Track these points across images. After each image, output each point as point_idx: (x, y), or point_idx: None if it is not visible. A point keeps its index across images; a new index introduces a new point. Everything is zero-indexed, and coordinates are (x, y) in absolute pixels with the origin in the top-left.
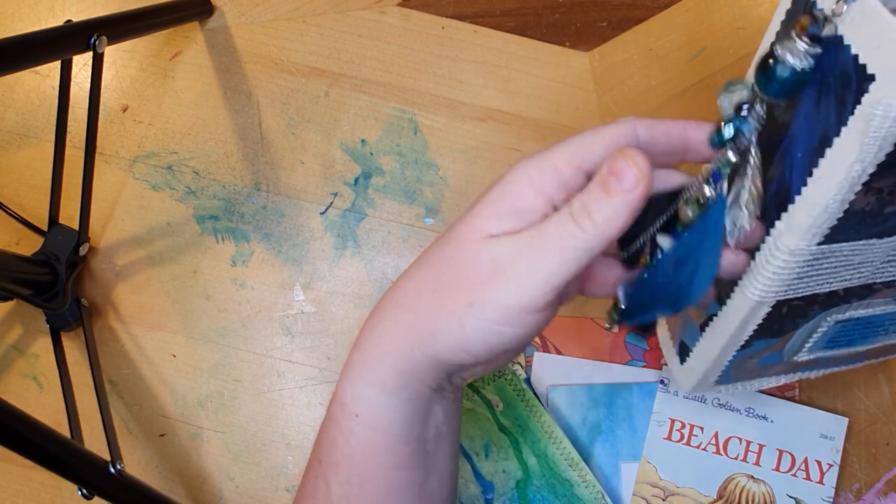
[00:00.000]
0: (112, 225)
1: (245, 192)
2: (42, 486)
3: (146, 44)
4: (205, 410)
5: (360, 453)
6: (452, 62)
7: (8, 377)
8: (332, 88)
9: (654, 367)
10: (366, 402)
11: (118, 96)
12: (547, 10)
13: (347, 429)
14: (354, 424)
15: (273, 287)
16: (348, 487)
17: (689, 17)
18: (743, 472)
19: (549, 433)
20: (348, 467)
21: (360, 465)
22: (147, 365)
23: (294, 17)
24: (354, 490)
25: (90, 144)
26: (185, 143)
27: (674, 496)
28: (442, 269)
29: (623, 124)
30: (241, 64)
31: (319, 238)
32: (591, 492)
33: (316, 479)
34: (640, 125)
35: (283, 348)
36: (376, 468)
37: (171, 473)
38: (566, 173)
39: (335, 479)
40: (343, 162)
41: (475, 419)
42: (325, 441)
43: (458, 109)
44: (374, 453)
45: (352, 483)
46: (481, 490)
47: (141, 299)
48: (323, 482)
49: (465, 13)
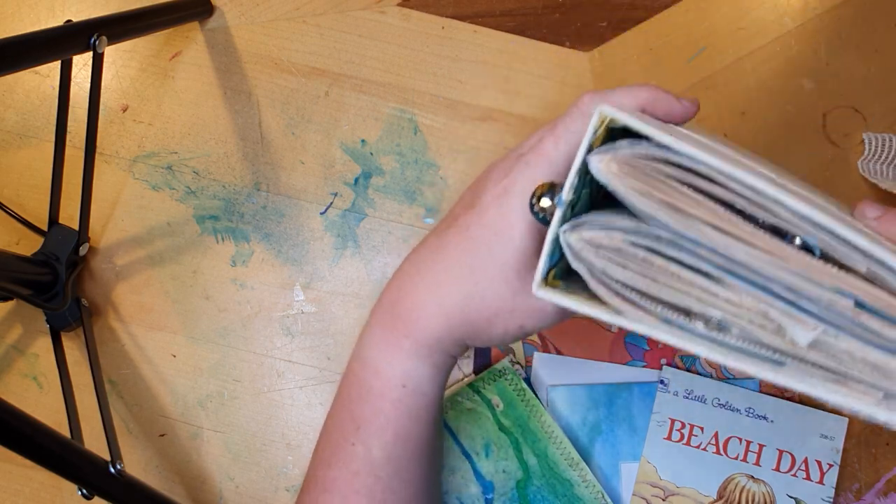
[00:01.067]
0: (112, 225)
1: (245, 192)
2: (42, 486)
3: (146, 44)
4: (205, 410)
5: (406, 417)
6: (452, 62)
7: (8, 377)
8: (332, 88)
9: (654, 367)
10: (412, 374)
11: (118, 96)
12: (547, 10)
13: (395, 398)
14: (403, 394)
15: (273, 287)
16: (392, 448)
17: (689, 17)
18: (743, 472)
19: (549, 433)
20: (394, 431)
21: (406, 427)
22: (147, 365)
23: (294, 17)
24: (398, 450)
25: (90, 144)
26: (185, 143)
27: (674, 496)
28: (479, 258)
29: (650, 90)
30: (241, 64)
31: (319, 238)
32: (591, 492)
33: (353, 446)
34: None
35: (283, 348)
36: (420, 427)
37: (171, 473)
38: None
39: (377, 442)
40: (343, 162)
41: (476, 419)
42: (365, 411)
43: (458, 109)
44: (418, 415)
45: (397, 444)
46: (481, 490)
47: (141, 299)
48: (362, 447)
49: (465, 13)
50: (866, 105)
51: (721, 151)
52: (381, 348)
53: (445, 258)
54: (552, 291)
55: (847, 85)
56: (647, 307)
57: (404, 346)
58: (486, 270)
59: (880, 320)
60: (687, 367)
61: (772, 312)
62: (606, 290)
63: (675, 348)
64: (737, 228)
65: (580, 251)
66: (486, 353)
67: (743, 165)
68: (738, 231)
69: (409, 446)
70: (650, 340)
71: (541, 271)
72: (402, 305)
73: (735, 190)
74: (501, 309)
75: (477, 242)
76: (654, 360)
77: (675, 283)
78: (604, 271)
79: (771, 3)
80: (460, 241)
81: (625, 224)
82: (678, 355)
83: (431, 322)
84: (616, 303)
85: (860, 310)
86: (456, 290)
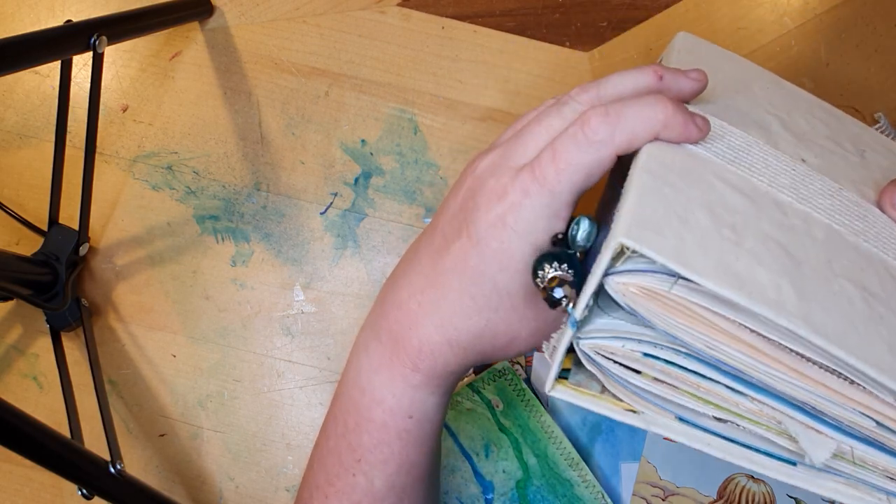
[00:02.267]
0: (112, 225)
1: (245, 192)
2: (42, 487)
3: (146, 44)
4: (205, 410)
5: (411, 447)
6: (452, 62)
7: (8, 377)
8: (332, 88)
9: None
10: (420, 405)
11: (118, 96)
12: (547, 10)
13: (401, 429)
14: (410, 424)
15: (273, 287)
16: (396, 478)
17: (689, 17)
18: (743, 472)
19: (549, 433)
20: (398, 462)
21: (410, 457)
22: (147, 365)
23: (294, 17)
24: (402, 479)
25: (90, 144)
26: (185, 143)
27: (674, 496)
28: (485, 290)
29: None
30: (241, 64)
31: (319, 238)
32: (591, 492)
33: (353, 477)
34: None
35: (283, 348)
36: (424, 455)
37: (171, 473)
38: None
39: (380, 474)
40: (343, 162)
41: (475, 419)
42: (365, 441)
43: (458, 109)
44: (423, 443)
45: (400, 474)
46: (481, 490)
47: (141, 299)
48: (364, 478)
49: (465, 13)
50: (866, 105)
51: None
52: (384, 378)
53: (448, 292)
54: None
55: (847, 85)
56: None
57: (413, 380)
58: (493, 304)
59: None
60: None
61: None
62: (624, 392)
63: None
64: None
65: (594, 357)
66: None
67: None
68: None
69: (413, 473)
70: None
71: (553, 375)
72: (407, 340)
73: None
74: (514, 338)
75: (480, 276)
76: None
77: (694, 391)
78: (619, 376)
79: (771, 3)
80: (462, 272)
81: (637, 331)
82: None
83: (442, 359)
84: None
85: (881, 428)
86: (465, 327)
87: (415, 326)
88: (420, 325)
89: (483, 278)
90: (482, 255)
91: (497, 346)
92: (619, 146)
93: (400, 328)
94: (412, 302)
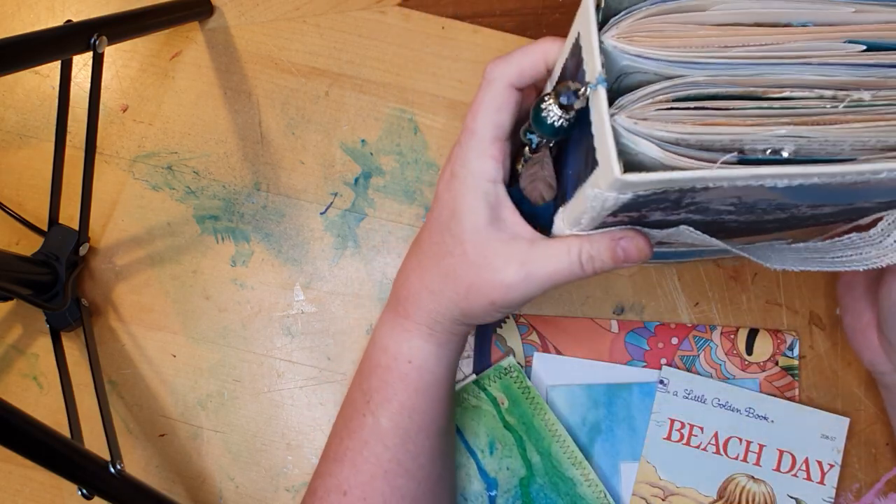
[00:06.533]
0: (112, 225)
1: (245, 192)
2: (42, 487)
3: (146, 44)
4: (205, 410)
5: (413, 390)
6: (452, 62)
7: (8, 377)
8: (332, 88)
9: (653, 367)
10: (417, 351)
11: (118, 96)
12: (547, 10)
13: (402, 372)
14: (409, 369)
15: (273, 287)
16: (399, 418)
17: None
18: (743, 472)
19: (553, 431)
20: (400, 401)
21: (412, 400)
22: (147, 365)
23: (294, 17)
24: (405, 421)
25: (90, 144)
26: (185, 143)
27: (674, 496)
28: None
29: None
30: (241, 64)
31: (319, 238)
32: (594, 491)
33: (363, 417)
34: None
35: (283, 348)
36: (426, 402)
37: (171, 473)
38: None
39: (385, 412)
40: (343, 162)
41: (480, 416)
42: (374, 384)
43: (458, 109)
44: (424, 390)
45: (403, 414)
46: (485, 487)
47: (141, 299)
48: (371, 417)
49: (465, 13)
50: None
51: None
52: (387, 329)
53: (425, 248)
54: (634, 174)
55: None
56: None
57: (408, 327)
58: (449, 248)
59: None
60: (687, 367)
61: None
62: (679, 152)
63: (687, 325)
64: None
65: (634, 128)
66: (487, 354)
67: None
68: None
69: (415, 418)
70: (650, 340)
71: (615, 159)
72: (402, 294)
73: None
74: (472, 284)
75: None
76: (654, 360)
77: (729, 118)
78: (666, 139)
79: None
80: (429, 228)
81: (654, 87)
82: (678, 355)
83: (422, 302)
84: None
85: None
86: (434, 271)
87: (406, 283)
88: (409, 281)
89: (440, 226)
90: (440, 208)
91: (459, 291)
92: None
93: (398, 286)
94: (409, 265)
